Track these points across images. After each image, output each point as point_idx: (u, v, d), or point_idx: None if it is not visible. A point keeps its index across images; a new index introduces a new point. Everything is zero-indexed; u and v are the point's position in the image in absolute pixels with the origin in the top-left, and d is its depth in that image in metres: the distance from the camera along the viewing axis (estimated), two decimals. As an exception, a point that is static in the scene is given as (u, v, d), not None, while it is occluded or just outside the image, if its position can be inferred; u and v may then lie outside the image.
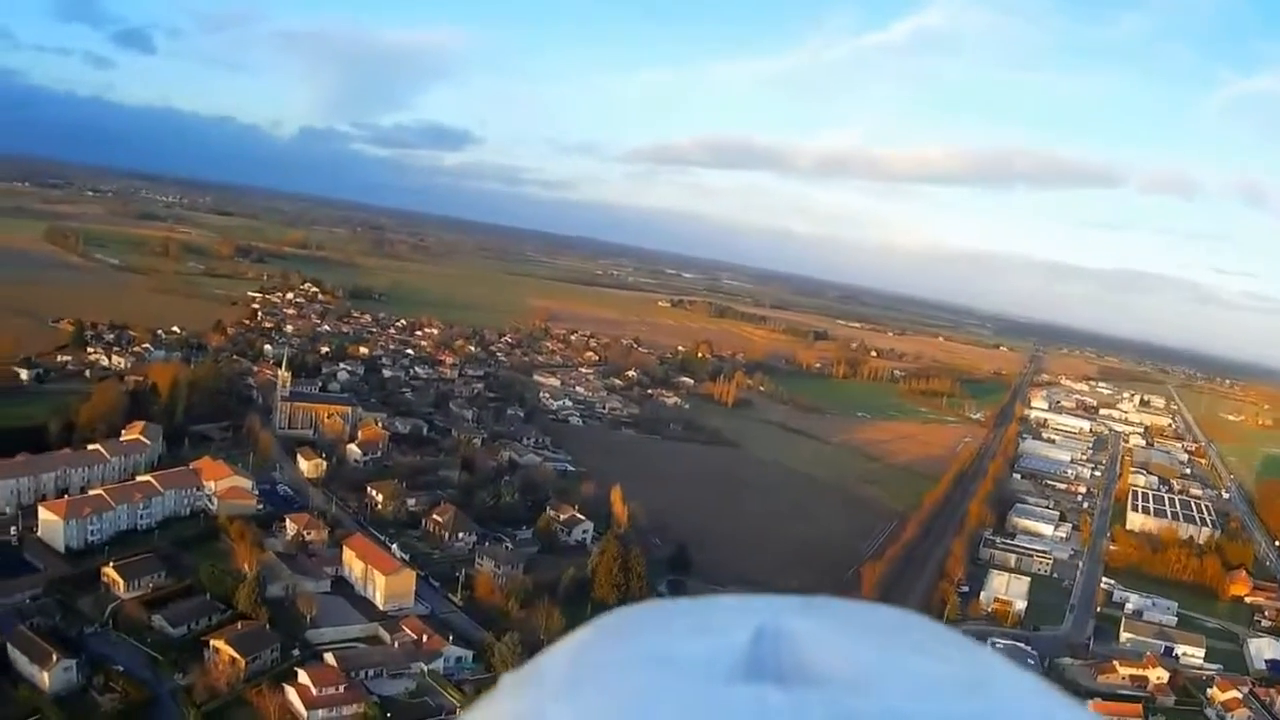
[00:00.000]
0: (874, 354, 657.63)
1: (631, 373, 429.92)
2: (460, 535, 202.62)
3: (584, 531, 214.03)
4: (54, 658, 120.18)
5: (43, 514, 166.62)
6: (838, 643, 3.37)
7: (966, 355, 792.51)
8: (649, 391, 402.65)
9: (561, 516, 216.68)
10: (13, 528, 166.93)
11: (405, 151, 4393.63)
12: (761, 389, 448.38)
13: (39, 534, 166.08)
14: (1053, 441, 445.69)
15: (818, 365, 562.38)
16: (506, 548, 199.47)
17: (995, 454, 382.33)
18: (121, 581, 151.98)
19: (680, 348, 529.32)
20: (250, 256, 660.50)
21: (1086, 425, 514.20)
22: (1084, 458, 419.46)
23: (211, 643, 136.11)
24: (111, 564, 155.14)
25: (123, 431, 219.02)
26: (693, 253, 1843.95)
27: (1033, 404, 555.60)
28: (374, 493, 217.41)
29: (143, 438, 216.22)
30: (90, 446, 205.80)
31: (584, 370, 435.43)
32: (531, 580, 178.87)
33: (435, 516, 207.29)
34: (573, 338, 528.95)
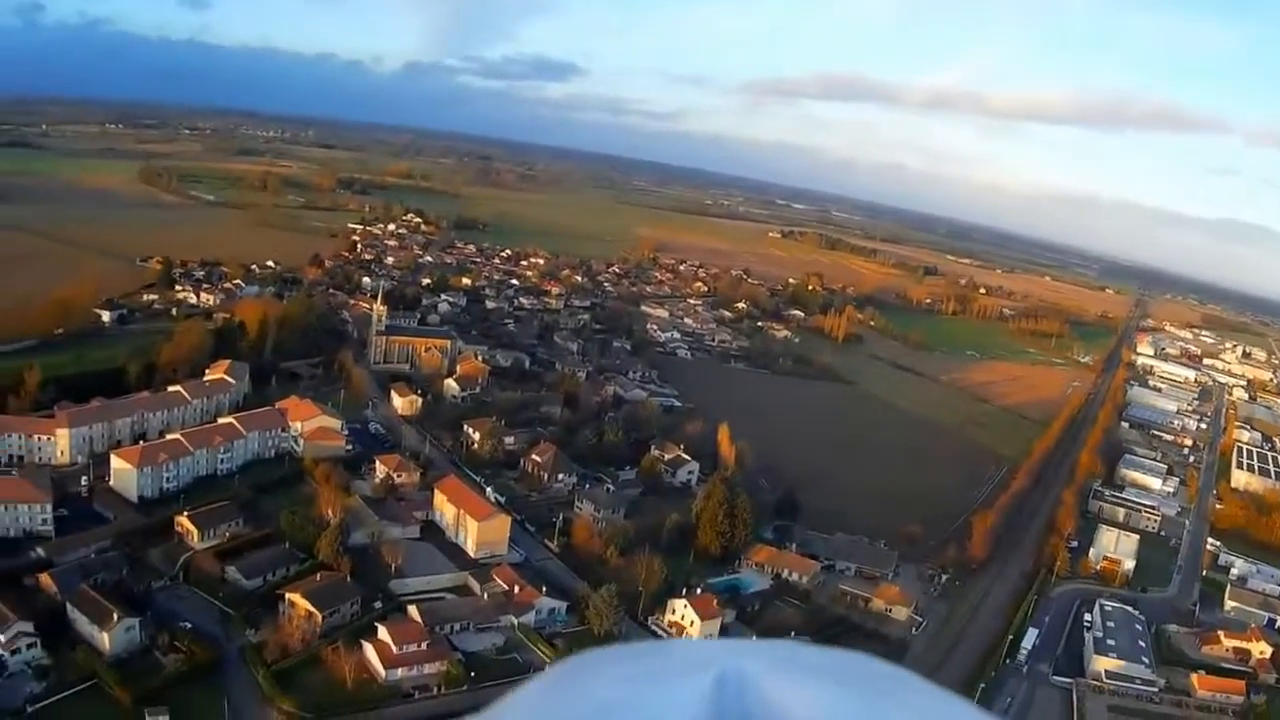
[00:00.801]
0: (982, 291, 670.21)
1: (741, 304, 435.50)
2: (560, 476, 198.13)
3: (689, 473, 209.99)
4: (115, 617, 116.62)
5: (115, 462, 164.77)
6: (800, 689, 3.53)
7: (1073, 296, 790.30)
8: (759, 324, 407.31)
9: (666, 456, 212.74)
10: (84, 478, 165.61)
11: (512, 83, 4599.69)
12: (872, 324, 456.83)
13: (111, 483, 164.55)
14: (1159, 390, 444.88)
15: (928, 301, 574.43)
16: (608, 490, 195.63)
17: (1104, 400, 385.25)
18: (195, 531, 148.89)
19: (791, 280, 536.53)
20: (352, 188, 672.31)
21: (1191, 375, 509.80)
22: (1189, 409, 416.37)
23: (287, 596, 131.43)
24: (185, 513, 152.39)
25: (206, 371, 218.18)
26: (803, 185, 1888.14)
27: (1139, 349, 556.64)
28: (471, 431, 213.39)
29: (227, 377, 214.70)
30: (171, 388, 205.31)
31: (693, 301, 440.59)
32: (633, 526, 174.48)
33: (534, 456, 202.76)
34: (681, 268, 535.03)
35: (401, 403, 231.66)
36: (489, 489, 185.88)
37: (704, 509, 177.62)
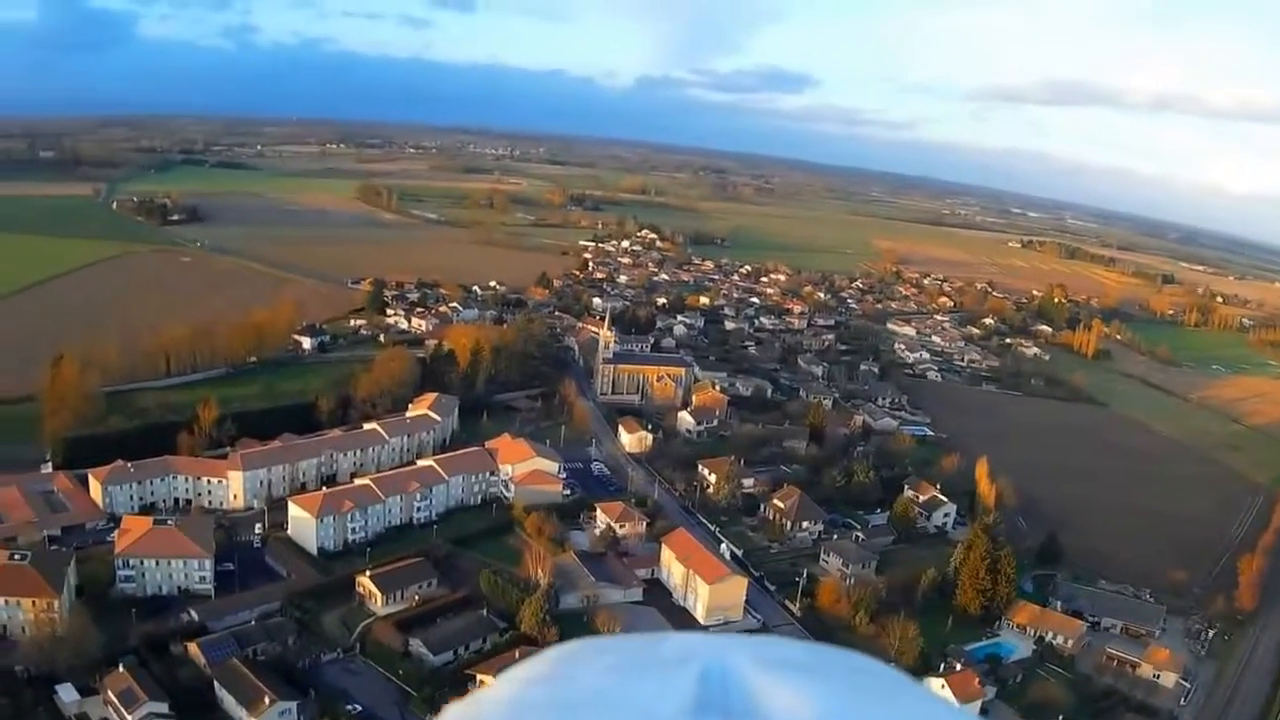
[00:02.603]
0: (1219, 300, 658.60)
1: (989, 320, 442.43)
2: (804, 524, 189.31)
3: (945, 515, 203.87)
4: (266, 700, 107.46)
5: (293, 510, 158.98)
6: (785, 685, 3.82)
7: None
8: (1007, 341, 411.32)
9: (921, 497, 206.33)
10: (257, 526, 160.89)
11: (744, 96, 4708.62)
12: (1118, 337, 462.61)
13: (289, 532, 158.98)
14: None
15: (1170, 312, 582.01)
16: (857, 539, 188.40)
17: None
18: (379, 594, 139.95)
19: (1035, 292, 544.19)
20: (584, 205, 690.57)
21: None
22: None
23: (479, 676, 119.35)
24: (368, 572, 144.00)
25: (410, 406, 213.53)
26: (1033, 192, 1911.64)
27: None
28: (706, 472, 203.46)
29: (431, 413, 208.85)
30: (367, 425, 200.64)
31: (939, 318, 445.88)
32: (884, 583, 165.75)
33: (776, 501, 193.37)
34: (925, 282, 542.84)
35: (630, 440, 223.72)
36: (724, 543, 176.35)
37: (964, 563, 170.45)
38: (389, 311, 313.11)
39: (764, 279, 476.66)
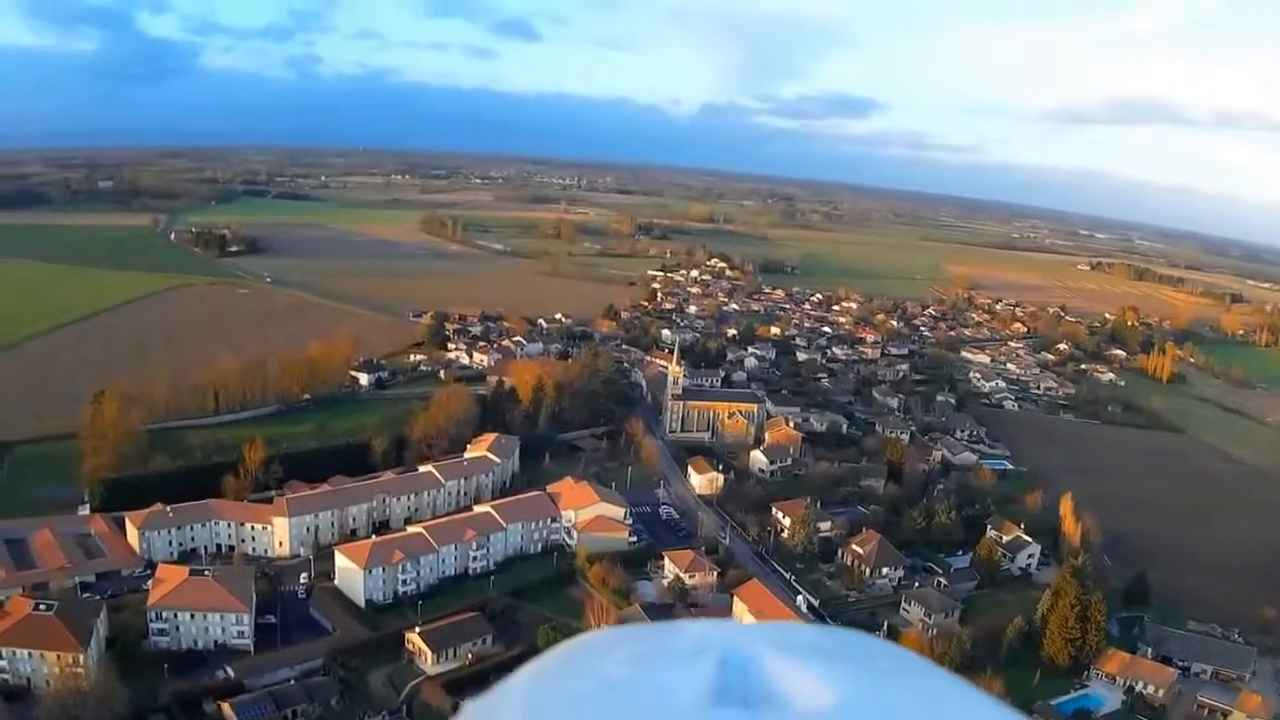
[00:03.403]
0: None
1: (1063, 345, 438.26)
2: (884, 570, 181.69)
3: (1029, 556, 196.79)
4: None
5: (339, 560, 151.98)
6: (803, 670, 3.91)
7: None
8: (1082, 366, 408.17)
9: (1004, 538, 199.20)
10: (303, 575, 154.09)
11: (810, 122, 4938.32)
12: (1191, 360, 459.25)
13: (335, 582, 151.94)
14: None
15: (1240, 332, 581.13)
16: (939, 584, 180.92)
17: None
18: (429, 651, 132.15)
19: (1107, 315, 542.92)
20: (651, 233, 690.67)
21: None
22: None
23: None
24: (419, 627, 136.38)
25: (468, 446, 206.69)
26: (1099, 212, 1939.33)
27: None
28: (780, 515, 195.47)
29: (490, 454, 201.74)
30: (422, 468, 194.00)
31: (1013, 344, 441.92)
32: (968, 633, 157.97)
33: (855, 547, 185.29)
34: (998, 307, 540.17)
35: (700, 481, 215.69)
36: (801, 594, 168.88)
37: (1052, 610, 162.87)
38: (450, 346, 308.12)
39: (835, 307, 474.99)
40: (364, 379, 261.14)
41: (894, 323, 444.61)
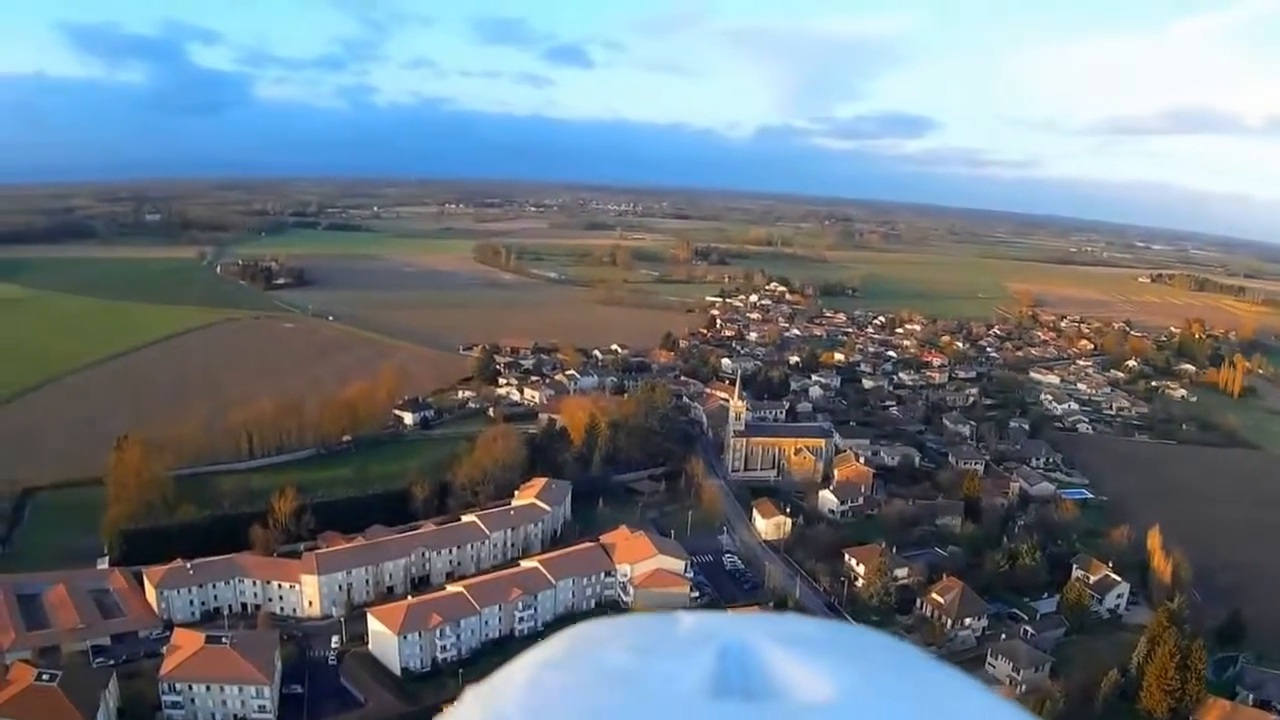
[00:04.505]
0: None
1: (1132, 362, 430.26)
2: (967, 621, 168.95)
3: (1118, 596, 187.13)
4: None
5: (372, 623, 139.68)
6: (804, 662, 3.97)
7: None
8: (1153, 384, 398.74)
9: (1092, 578, 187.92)
10: (334, 639, 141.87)
11: (865, 142, 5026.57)
12: (1260, 372, 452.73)
13: (369, 647, 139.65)
14: None
15: None
16: (1025, 633, 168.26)
17: None
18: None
19: (1172, 328, 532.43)
20: (709, 258, 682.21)
21: None
22: None
23: None
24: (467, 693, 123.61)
25: (515, 492, 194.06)
26: (1155, 223, 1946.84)
27: None
28: (854, 563, 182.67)
29: (539, 501, 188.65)
30: (466, 517, 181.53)
31: (1082, 363, 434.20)
32: (1060, 688, 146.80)
33: (935, 596, 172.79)
34: (1063, 324, 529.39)
35: (766, 525, 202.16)
36: None
37: (1149, 659, 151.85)
38: (501, 381, 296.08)
39: (899, 330, 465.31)
40: (408, 418, 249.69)
41: (959, 344, 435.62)
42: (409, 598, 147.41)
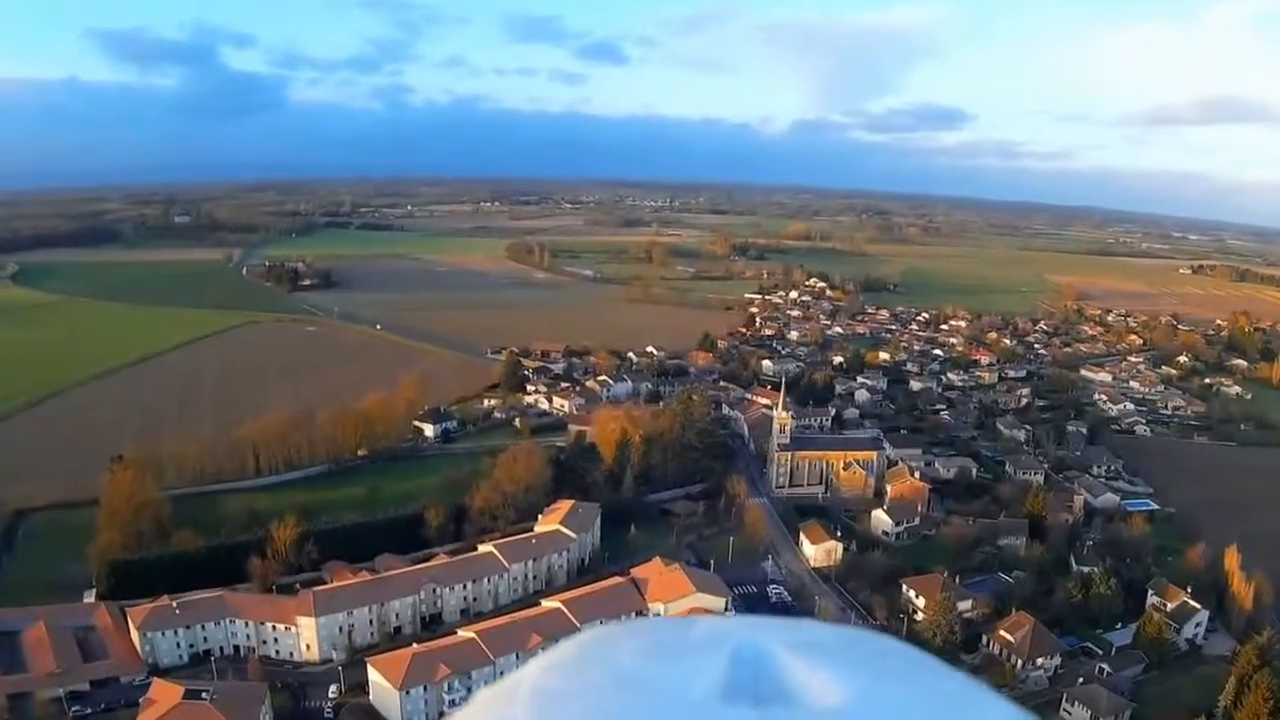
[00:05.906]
0: None
1: (1182, 358, 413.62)
2: (1038, 660, 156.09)
3: (1196, 625, 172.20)
4: None
5: (373, 674, 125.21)
6: (816, 666, 4.00)
7: None
8: (1207, 381, 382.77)
9: (1169, 605, 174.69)
10: (332, 688, 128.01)
11: (901, 135, 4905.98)
12: None
13: (370, 698, 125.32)
14: None
15: None
16: (1101, 671, 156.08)
17: None
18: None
19: (1219, 321, 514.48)
20: (747, 254, 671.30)
21: None
22: None
23: None
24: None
25: (539, 516, 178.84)
26: (1190, 213, 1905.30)
27: None
28: (913, 594, 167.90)
29: (564, 528, 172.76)
30: (483, 547, 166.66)
31: (1133, 359, 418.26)
32: None
33: (1004, 633, 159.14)
34: (1110, 318, 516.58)
35: (815, 552, 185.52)
36: None
37: (1236, 703, 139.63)
38: (528, 388, 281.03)
39: (944, 326, 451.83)
40: (429, 430, 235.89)
41: (1007, 341, 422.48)
42: (414, 645, 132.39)
